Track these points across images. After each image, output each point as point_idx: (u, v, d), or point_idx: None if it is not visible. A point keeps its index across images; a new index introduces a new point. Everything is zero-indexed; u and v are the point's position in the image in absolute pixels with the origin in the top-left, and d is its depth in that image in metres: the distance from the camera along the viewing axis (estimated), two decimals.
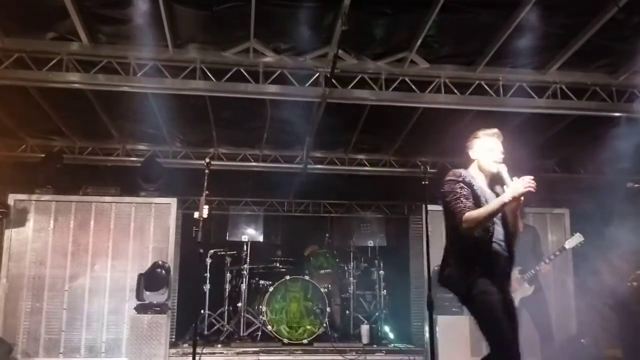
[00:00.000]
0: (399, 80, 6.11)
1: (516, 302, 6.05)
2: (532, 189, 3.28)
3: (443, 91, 6.14)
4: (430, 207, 6.30)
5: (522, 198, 3.35)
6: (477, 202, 3.51)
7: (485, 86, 6.20)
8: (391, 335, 8.27)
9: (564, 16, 5.08)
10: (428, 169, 4.79)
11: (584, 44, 5.41)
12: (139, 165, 7.81)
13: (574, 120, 7.05)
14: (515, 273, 6.12)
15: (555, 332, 6.47)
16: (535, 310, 6.19)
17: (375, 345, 7.68)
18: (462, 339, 6.70)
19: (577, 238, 5.88)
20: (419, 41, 5.45)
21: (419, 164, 4.66)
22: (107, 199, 7.16)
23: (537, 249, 6.33)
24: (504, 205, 3.38)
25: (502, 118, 6.95)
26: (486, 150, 3.71)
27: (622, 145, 6.51)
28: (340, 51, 5.42)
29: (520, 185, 3.32)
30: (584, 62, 5.95)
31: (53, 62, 5.64)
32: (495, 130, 3.82)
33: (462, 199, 3.49)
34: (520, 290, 6.06)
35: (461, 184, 3.56)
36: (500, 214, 3.52)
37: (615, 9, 4.73)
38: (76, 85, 5.88)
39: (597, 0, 4.84)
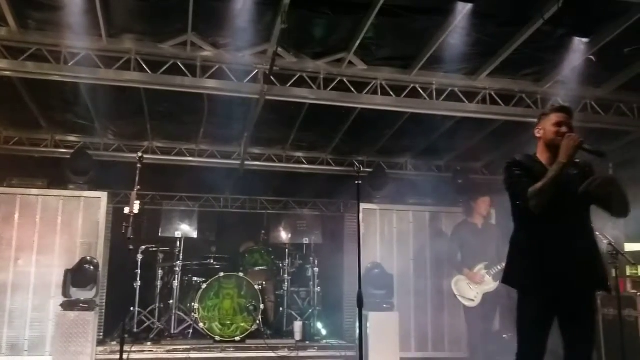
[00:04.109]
0: (337, 81, 6.19)
1: (480, 296, 6.29)
2: (576, 142, 3.17)
3: (379, 93, 6.28)
4: (364, 205, 6.46)
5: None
6: None
7: (420, 89, 6.38)
8: (324, 332, 8.36)
9: (494, 25, 5.29)
10: (362, 168, 4.87)
11: (513, 53, 5.66)
12: (68, 157, 7.54)
13: (501, 126, 7.35)
14: (481, 268, 6.38)
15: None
16: (492, 305, 6.48)
17: (307, 342, 7.76)
18: (391, 334, 6.88)
19: None
20: (357, 43, 5.54)
21: (355, 163, 4.72)
22: (34, 191, 6.91)
23: (500, 247, 6.54)
24: (562, 165, 3.16)
25: (435, 121, 7.21)
26: (550, 125, 3.40)
27: None
28: (279, 49, 5.45)
29: (567, 142, 3.19)
30: (512, 69, 6.21)
31: None
32: (564, 104, 3.56)
33: (522, 178, 3.29)
34: (484, 285, 6.35)
35: (516, 167, 3.38)
36: None
37: (541, 21, 4.98)
38: (5, 73, 5.63)
39: (525, 11, 5.08)
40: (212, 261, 8.61)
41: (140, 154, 5.07)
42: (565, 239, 3.19)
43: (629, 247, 7.18)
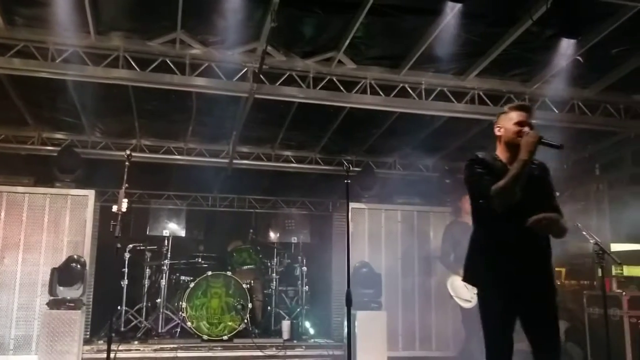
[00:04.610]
0: (326, 80, 6.20)
1: (476, 297, 6.28)
2: (535, 138, 3.16)
3: (369, 92, 6.29)
4: (353, 204, 6.45)
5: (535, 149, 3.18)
6: None
7: (409, 89, 6.40)
8: (312, 331, 8.36)
9: (483, 25, 5.32)
10: (351, 168, 4.87)
11: (501, 53, 5.70)
12: (55, 154, 7.48)
13: (489, 126, 7.38)
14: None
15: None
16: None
17: (295, 341, 7.75)
18: (379, 333, 6.90)
19: None
20: (347, 42, 5.54)
21: (344, 162, 4.71)
22: (20, 189, 6.85)
23: None
24: (523, 163, 3.12)
25: (424, 120, 7.23)
26: (511, 124, 3.37)
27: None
28: (269, 47, 5.43)
29: (526, 139, 3.18)
30: (500, 70, 6.25)
31: None
32: (523, 102, 3.49)
33: (484, 177, 3.24)
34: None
35: (477, 164, 3.34)
36: None
37: (529, 22, 5.01)
38: None
39: (513, 12, 5.12)
40: (200, 260, 8.58)
41: (128, 152, 5.02)
42: (523, 238, 3.16)
43: (615, 247, 7.26)
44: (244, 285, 7.71)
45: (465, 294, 6.41)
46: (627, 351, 6.16)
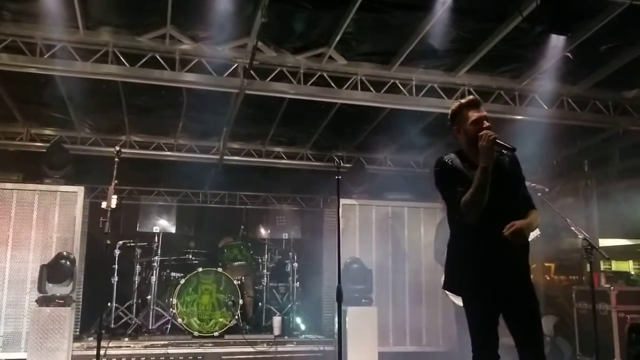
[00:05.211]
0: (317, 75, 6.19)
1: None
2: (489, 141, 3.05)
3: (359, 88, 6.29)
4: (343, 200, 6.44)
5: (493, 151, 3.10)
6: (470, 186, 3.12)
7: (400, 85, 6.40)
8: (303, 327, 8.36)
9: (473, 21, 5.34)
10: (342, 164, 4.87)
11: (491, 49, 5.72)
12: (44, 150, 7.42)
13: None
14: None
15: None
16: None
17: (286, 337, 7.76)
18: (370, 329, 6.92)
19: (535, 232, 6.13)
20: (338, 37, 5.54)
21: (335, 158, 4.71)
22: (8, 185, 6.81)
23: None
24: (485, 170, 3.05)
25: (414, 117, 7.24)
26: (469, 124, 3.26)
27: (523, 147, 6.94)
28: (259, 43, 5.41)
29: (483, 146, 3.07)
30: (490, 66, 6.28)
31: None
32: (472, 97, 3.41)
33: (455, 188, 3.16)
34: None
35: (445, 172, 3.28)
36: None
37: (519, 18, 5.03)
38: None
39: (504, 8, 5.13)
40: (190, 256, 8.56)
41: (117, 148, 5.02)
42: (501, 238, 3.07)
43: (603, 242, 7.32)
44: (235, 282, 7.71)
45: None
46: (615, 345, 6.22)
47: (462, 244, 3.28)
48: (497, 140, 3.11)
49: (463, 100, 3.42)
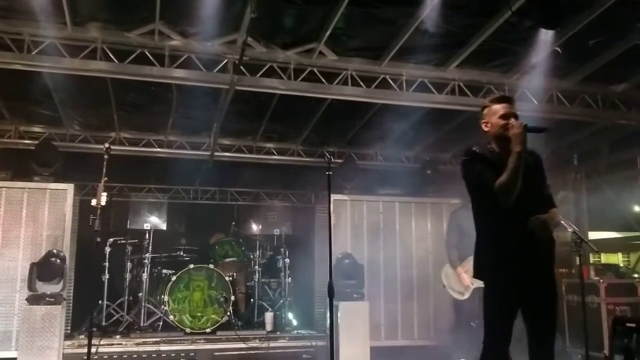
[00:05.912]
0: (307, 71, 6.17)
1: (470, 291, 6.23)
2: (521, 128, 3.20)
3: (350, 83, 6.28)
4: (335, 196, 6.44)
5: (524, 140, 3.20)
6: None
7: (390, 80, 6.40)
8: (295, 322, 8.38)
9: (463, 16, 5.34)
10: (333, 159, 4.87)
11: (481, 44, 5.73)
12: (33, 148, 7.36)
13: (470, 116, 7.44)
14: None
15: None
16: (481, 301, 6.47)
17: (278, 332, 7.77)
18: (361, 324, 6.93)
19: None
20: (328, 33, 5.52)
21: (325, 154, 4.71)
22: None
23: None
24: (519, 155, 3.15)
25: (405, 112, 7.25)
26: (497, 118, 3.38)
27: None
28: (249, 39, 5.39)
29: (514, 132, 3.21)
30: (480, 61, 6.28)
31: None
32: (504, 94, 3.51)
33: (485, 173, 3.25)
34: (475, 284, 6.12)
35: (476, 160, 3.36)
36: None
37: (509, 13, 5.04)
38: None
39: (493, 2, 5.13)
40: (181, 253, 8.54)
41: (107, 145, 4.98)
42: (525, 230, 3.19)
43: (592, 235, 7.37)
44: (227, 278, 7.70)
45: (457, 286, 6.45)
46: (604, 337, 6.27)
47: (492, 235, 3.35)
48: (529, 127, 3.23)
49: (495, 95, 3.55)
